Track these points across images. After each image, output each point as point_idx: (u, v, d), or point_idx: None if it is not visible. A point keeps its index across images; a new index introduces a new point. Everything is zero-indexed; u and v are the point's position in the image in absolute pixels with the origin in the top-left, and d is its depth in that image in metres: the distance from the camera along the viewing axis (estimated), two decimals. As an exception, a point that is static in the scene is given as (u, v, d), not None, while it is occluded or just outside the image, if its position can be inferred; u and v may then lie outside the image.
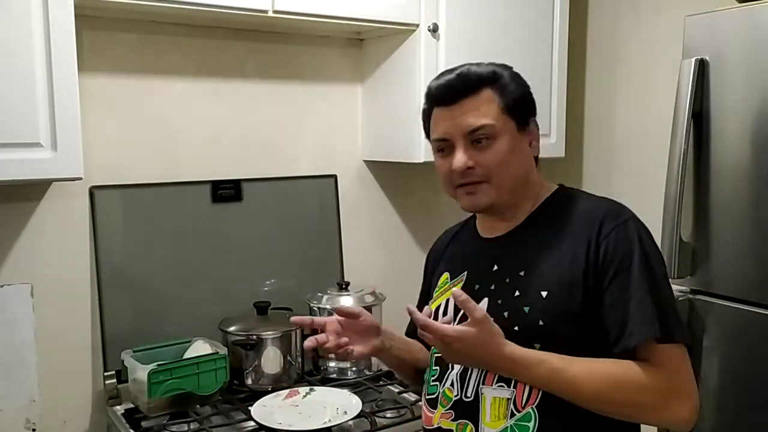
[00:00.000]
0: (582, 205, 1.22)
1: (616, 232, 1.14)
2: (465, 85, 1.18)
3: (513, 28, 2.13)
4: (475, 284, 1.24)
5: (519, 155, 1.19)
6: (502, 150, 1.17)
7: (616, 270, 1.12)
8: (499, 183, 1.18)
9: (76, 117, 1.46)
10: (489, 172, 1.17)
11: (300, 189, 2.09)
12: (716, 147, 1.63)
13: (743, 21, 1.58)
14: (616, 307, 1.11)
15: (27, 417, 1.70)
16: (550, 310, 1.13)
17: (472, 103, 1.17)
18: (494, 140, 1.17)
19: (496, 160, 1.17)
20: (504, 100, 1.18)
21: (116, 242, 1.80)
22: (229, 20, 1.82)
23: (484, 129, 1.16)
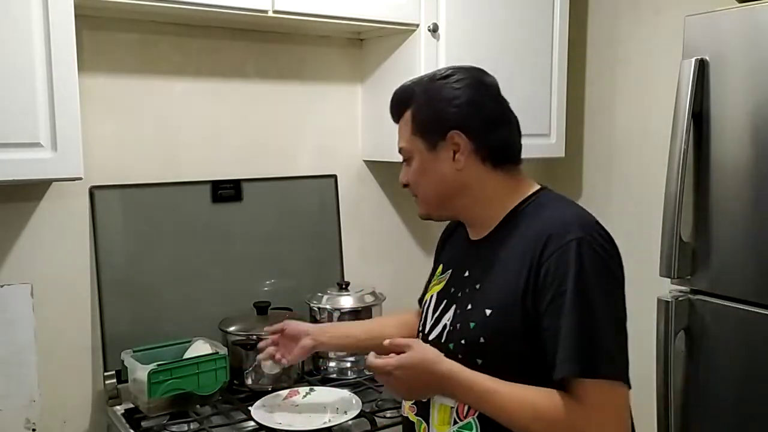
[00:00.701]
0: (540, 218, 1.18)
1: (557, 255, 1.10)
2: (394, 108, 1.29)
3: (513, 28, 2.13)
4: (452, 287, 1.29)
5: (431, 174, 1.23)
6: (415, 169, 1.25)
7: (552, 295, 1.09)
8: (423, 198, 1.28)
9: (76, 117, 1.46)
10: (413, 188, 1.28)
11: (300, 189, 2.09)
12: (716, 147, 1.63)
13: (743, 21, 1.58)
14: (548, 335, 1.09)
15: (27, 417, 1.70)
16: (490, 329, 1.15)
17: (401, 124, 1.27)
18: (411, 160, 1.26)
19: (413, 178, 1.26)
20: (414, 123, 1.23)
21: (116, 242, 1.80)
22: (229, 20, 1.82)
23: (402, 151, 1.27)
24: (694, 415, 1.71)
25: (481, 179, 1.22)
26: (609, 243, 1.13)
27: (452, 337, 1.22)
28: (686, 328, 1.70)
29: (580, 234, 1.10)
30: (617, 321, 1.11)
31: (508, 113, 1.26)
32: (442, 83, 1.21)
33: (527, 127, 1.31)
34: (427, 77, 1.25)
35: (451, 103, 1.20)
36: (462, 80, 1.21)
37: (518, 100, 1.21)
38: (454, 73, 1.22)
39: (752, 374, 1.59)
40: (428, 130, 1.22)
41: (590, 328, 1.08)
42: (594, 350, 1.08)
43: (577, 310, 1.07)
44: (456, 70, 1.23)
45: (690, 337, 1.70)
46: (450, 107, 1.20)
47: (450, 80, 1.21)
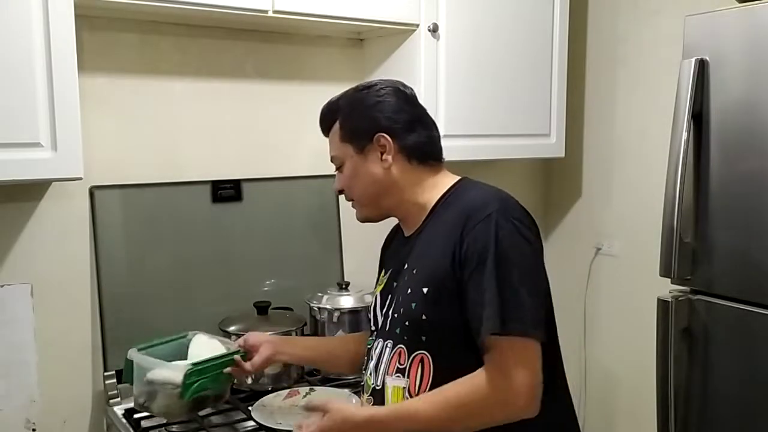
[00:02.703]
0: (462, 200, 1.29)
1: (478, 227, 1.20)
2: (323, 124, 1.43)
3: (513, 28, 2.13)
4: (394, 282, 1.38)
5: (362, 175, 1.35)
6: (347, 174, 1.38)
7: (474, 265, 1.19)
8: (359, 201, 1.39)
9: (76, 117, 1.46)
10: (348, 193, 1.39)
11: (300, 189, 2.09)
12: (716, 147, 1.63)
13: (743, 21, 1.58)
14: (471, 302, 1.19)
15: (27, 417, 1.70)
16: (429, 305, 1.24)
17: (330, 136, 1.41)
18: (342, 167, 1.38)
19: (345, 183, 1.39)
20: (343, 131, 1.37)
21: (116, 242, 1.80)
22: (229, 20, 1.82)
23: (333, 160, 1.40)
24: (694, 415, 1.71)
25: (407, 176, 1.34)
26: (524, 214, 1.25)
27: (396, 322, 1.32)
28: (686, 328, 1.70)
29: (497, 206, 1.22)
30: (532, 283, 1.20)
31: (426, 116, 1.39)
32: (365, 93, 1.36)
33: (527, 127, 1.32)
34: (351, 90, 1.39)
35: (374, 108, 1.34)
36: (383, 89, 1.35)
37: (518, 100, 1.22)
38: (376, 84, 1.37)
39: (752, 374, 1.59)
40: (356, 135, 1.35)
41: (508, 289, 1.17)
42: (508, 309, 1.16)
43: (494, 276, 1.17)
44: (377, 81, 1.38)
45: (690, 337, 1.70)
46: (374, 112, 1.34)
47: (372, 90, 1.35)
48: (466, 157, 2.08)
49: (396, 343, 1.31)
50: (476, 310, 1.18)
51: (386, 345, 1.34)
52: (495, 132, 2.11)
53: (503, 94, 2.10)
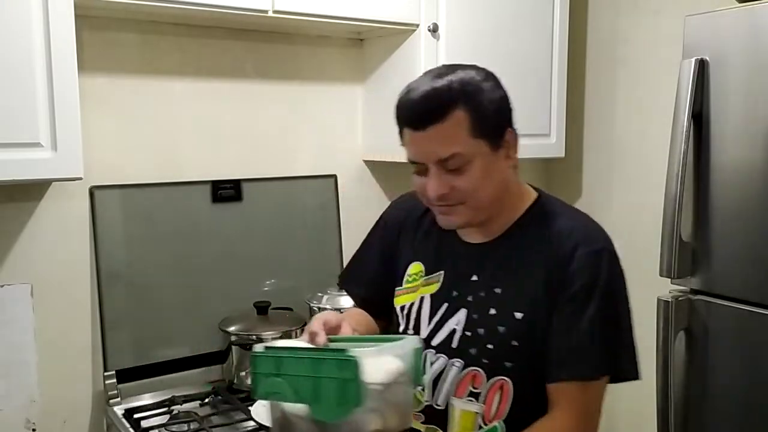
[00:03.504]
0: (560, 223, 1.19)
1: (586, 259, 1.13)
2: (431, 110, 1.09)
3: (513, 28, 2.13)
4: (453, 290, 1.24)
5: (494, 175, 1.14)
6: (476, 176, 1.12)
7: (579, 298, 1.12)
8: (475, 205, 1.15)
9: (76, 117, 1.46)
10: (464, 195, 1.13)
11: (300, 189, 2.10)
12: (716, 147, 1.63)
13: (743, 21, 1.58)
14: (566, 336, 1.13)
15: (27, 417, 1.70)
16: (523, 332, 1.15)
17: (439, 129, 1.09)
18: (466, 166, 1.11)
19: (471, 186, 1.12)
20: (474, 122, 1.10)
21: (116, 242, 1.80)
22: (229, 20, 1.82)
23: (453, 159, 1.10)
24: (694, 414, 1.71)
25: (514, 178, 1.21)
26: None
27: (473, 342, 1.19)
28: (686, 328, 1.70)
29: (606, 242, 1.17)
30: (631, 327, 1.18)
31: None
32: (478, 81, 1.12)
33: (527, 127, 1.31)
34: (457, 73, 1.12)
35: (501, 99, 1.15)
36: (490, 77, 1.15)
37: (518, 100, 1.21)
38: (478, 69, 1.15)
39: (752, 374, 1.59)
40: (494, 128, 1.13)
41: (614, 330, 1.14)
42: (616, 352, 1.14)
43: (602, 314, 1.12)
44: (470, 67, 1.15)
45: (690, 337, 1.70)
46: (502, 103, 1.15)
47: (480, 78, 1.13)
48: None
49: (469, 365, 1.19)
50: (571, 345, 1.12)
51: (452, 363, 1.21)
52: (495, 132, 2.11)
53: (503, 94, 2.10)
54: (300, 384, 0.99)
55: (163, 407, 1.72)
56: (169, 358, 1.87)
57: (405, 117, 1.13)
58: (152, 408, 1.72)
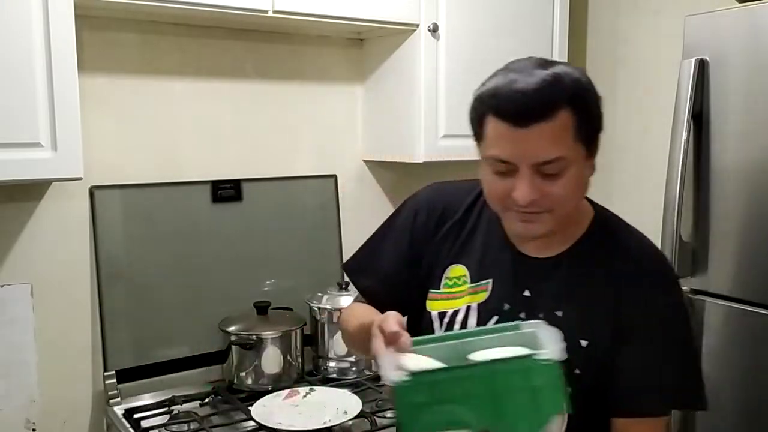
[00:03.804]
0: (626, 246, 1.11)
1: (658, 288, 1.07)
2: (542, 108, 0.97)
3: (513, 28, 2.13)
4: (504, 303, 1.11)
5: (583, 184, 1.07)
6: (571, 183, 1.02)
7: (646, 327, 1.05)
8: (560, 214, 1.05)
9: (76, 117, 1.46)
10: (553, 203, 1.02)
11: (300, 189, 2.09)
12: (716, 147, 1.63)
13: (743, 21, 1.58)
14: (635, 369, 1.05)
15: (27, 417, 1.70)
16: (588, 361, 1.05)
17: (545, 129, 0.97)
18: (564, 171, 1.01)
19: (563, 193, 1.02)
20: (579, 126, 1.01)
21: (116, 242, 1.80)
22: (229, 20, 1.82)
23: (555, 164, 1.00)
24: (694, 414, 1.71)
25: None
26: None
27: None
28: (686, 328, 1.70)
29: (673, 270, 1.11)
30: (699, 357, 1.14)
31: None
32: (584, 82, 1.04)
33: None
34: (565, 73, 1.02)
35: (599, 102, 1.06)
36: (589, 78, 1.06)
37: (518, 100, 1.21)
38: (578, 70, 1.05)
39: (752, 374, 1.59)
40: (591, 135, 1.05)
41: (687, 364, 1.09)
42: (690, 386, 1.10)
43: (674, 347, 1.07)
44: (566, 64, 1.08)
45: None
46: (600, 107, 1.06)
47: (584, 78, 1.05)
48: (466, 157, 2.06)
49: None
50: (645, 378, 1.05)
51: None
52: (495, 132, 2.11)
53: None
54: (474, 406, 0.84)
55: (163, 407, 1.72)
56: (169, 358, 1.87)
57: (504, 109, 0.99)
58: (152, 408, 1.72)
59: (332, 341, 1.92)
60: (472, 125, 1.08)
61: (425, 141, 1.97)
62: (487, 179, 1.07)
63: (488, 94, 1.02)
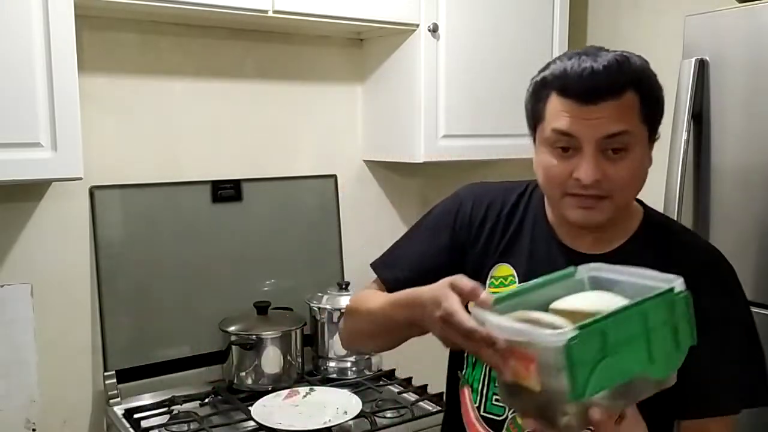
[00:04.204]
0: (681, 241, 1.10)
1: (719, 283, 1.05)
2: (612, 84, 0.98)
3: (513, 28, 2.13)
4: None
5: (644, 171, 1.05)
6: (635, 165, 1.01)
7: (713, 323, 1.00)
8: (619, 201, 1.03)
9: (76, 117, 1.46)
10: (615, 188, 1.01)
11: (300, 189, 2.09)
12: (716, 147, 1.63)
13: (743, 21, 1.58)
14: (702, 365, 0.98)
15: (27, 417, 1.70)
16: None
17: (613, 106, 0.98)
18: (627, 152, 1.00)
19: (627, 175, 1.00)
20: (645, 107, 1.01)
21: (116, 242, 1.80)
22: (229, 20, 1.82)
23: (621, 137, 0.99)
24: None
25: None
26: None
27: None
28: (686, 328, 1.70)
29: (731, 267, 1.08)
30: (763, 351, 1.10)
31: None
32: (648, 68, 1.05)
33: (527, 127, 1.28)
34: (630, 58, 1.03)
35: (661, 92, 1.05)
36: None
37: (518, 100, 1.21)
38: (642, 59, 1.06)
39: (752, 374, 1.60)
40: (655, 120, 1.04)
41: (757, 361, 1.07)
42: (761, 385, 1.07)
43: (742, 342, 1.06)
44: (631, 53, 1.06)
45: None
46: (662, 98, 1.05)
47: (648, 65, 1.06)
48: (466, 157, 2.09)
49: None
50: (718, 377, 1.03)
51: None
52: (495, 132, 2.11)
53: (503, 94, 2.10)
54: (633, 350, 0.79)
55: (163, 407, 1.72)
56: (169, 358, 1.87)
57: (572, 87, 0.99)
58: (152, 408, 1.72)
59: (332, 341, 1.92)
60: (531, 109, 1.07)
61: (425, 141, 1.97)
62: (544, 163, 1.05)
63: (555, 75, 1.02)
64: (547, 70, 1.05)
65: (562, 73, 1.00)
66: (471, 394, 1.14)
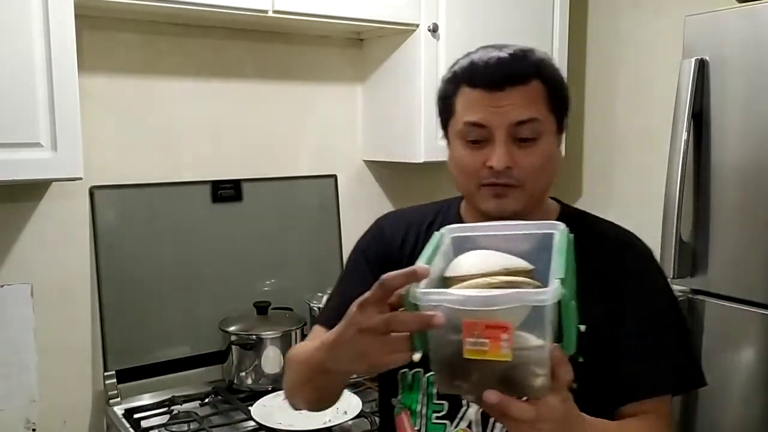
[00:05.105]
0: (600, 229, 1.12)
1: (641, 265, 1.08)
2: (518, 71, 1.00)
3: (513, 28, 2.13)
4: None
5: (554, 161, 1.06)
6: (545, 153, 1.03)
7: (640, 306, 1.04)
8: (532, 190, 1.04)
9: (76, 117, 1.46)
10: (526, 176, 1.02)
11: (300, 189, 2.09)
12: (716, 147, 1.63)
13: (743, 21, 1.58)
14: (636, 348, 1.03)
15: (27, 417, 1.70)
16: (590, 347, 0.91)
17: (521, 92, 1.00)
18: (537, 141, 1.02)
19: (537, 163, 1.02)
20: (551, 96, 1.03)
21: (116, 242, 1.80)
22: (229, 20, 1.82)
23: (531, 124, 1.00)
24: (694, 415, 1.71)
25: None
26: None
27: None
28: (686, 328, 1.70)
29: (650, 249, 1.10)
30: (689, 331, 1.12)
31: None
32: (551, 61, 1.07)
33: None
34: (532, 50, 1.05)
35: (565, 85, 1.08)
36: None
37: (518, 100, 1.21)
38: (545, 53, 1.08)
39: (752, 374, 1.59)
40: (561, 111, 1.06)
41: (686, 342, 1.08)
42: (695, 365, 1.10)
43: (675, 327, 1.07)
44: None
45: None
46: (567, 90, 1.08)
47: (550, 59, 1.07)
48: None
49: None
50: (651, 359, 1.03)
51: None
52: (495, 132, 2.11)
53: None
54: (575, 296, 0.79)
55: (163, 407, 1.72)
56: (169, 358, 1.87)
57: (480, 76, 1.01)
58: (152, 408, 1.72)
59: (332, 341, 1.92)
60: (443, 105, 1.09)
61: (425, 141, 1.97)
62: (458, 155, 1.06)
63: (463, 68, 1.06)
64: (455, 65, 1.08)
65: (470, 65, 1.04)
66: (410, 418, 1.11)
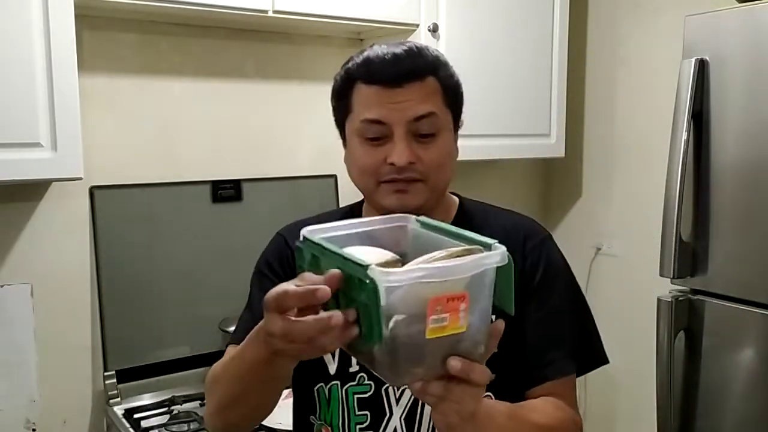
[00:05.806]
0: (499, 220, 1.13)
1: (540, 251, 1.08)
2: (415, 67, 1.00)
3: (513, 28, 2.13)
4: None
5: (453, 157, 1.08)
6: (444, 147, 1.03)
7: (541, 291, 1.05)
8: (434, 185, 1.04)
9: (76, 117, 1.46)
10: (428, 170, 1.02)
11: (300, 189, 2.09)
12: (716, 147, 1.63)
13: (743, 21, 1.58)
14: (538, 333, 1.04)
15: (27, 417, 1.70)
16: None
17: (418, 88, 1.00)
18: (436, 136, 1.02)
19: (437, 157, 1.02)
20: (445, 92, 1.03)
21: (116, 242, 1.80)
22: (229, 20, 1.82)
23: (429, 119, 1.01)
24: (694, 415, 1.71)
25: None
26: None
27: None
28: (686, 328, 1.70)
29: (548, 234, 1.12)
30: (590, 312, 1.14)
31: None
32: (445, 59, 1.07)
33: (527, 127, 1.28)
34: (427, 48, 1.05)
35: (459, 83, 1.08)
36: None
37: (518, 100, 1.21)
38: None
39: (752, 374, 1.59)
40: (459, 107, 1.07)
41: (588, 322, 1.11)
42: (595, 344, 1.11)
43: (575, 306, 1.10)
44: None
45: (690, 337, 1.70)
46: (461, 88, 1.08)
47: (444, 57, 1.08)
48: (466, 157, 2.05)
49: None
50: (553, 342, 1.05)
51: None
52: (495, 132, 2.11)
53: (503, 94, 2.10)
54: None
55: (163, 407, 1.72)
56: (169, 358, 1.87)
57: (376, 73, 1.01)
58: (152, 408, 1.72)
59: (332, 341, 1.92)
60: (338, 104, 1.09)
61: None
62: (357, 154, 1.05)
63: (358, 65, 1.05)
64: (348, 63, 1.08)
65: (366, 61, 1.04)
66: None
